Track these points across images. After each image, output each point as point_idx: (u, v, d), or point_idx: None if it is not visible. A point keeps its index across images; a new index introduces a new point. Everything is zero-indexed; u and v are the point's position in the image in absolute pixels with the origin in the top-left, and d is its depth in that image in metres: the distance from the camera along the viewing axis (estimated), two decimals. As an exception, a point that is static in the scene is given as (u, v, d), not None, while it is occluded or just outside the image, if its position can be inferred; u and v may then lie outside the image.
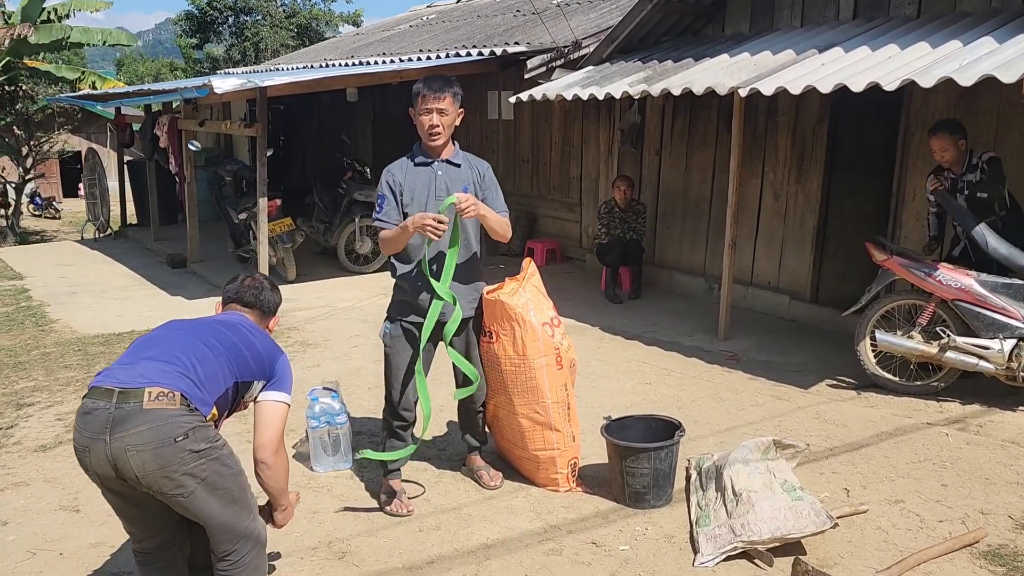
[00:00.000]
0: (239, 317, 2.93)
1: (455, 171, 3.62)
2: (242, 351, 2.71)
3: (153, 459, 2.42)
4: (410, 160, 3.62)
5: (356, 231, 8.85)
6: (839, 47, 5.75)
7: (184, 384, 2.52)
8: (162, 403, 2.45)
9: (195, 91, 7.12)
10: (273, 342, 2.88)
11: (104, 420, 2.43)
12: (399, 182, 3.56)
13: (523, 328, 3.66)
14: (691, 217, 7.85)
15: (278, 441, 2.74)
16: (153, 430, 2.42)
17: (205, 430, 2.53)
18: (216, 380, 2.62)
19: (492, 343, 3.75)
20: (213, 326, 2.78)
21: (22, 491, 3.93)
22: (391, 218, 3.56)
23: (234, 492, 2.62)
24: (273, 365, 2.79)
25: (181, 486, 2.48)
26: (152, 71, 39.16)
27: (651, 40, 7.78)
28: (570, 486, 3.85)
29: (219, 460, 2.56)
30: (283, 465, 2.79)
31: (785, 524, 3.20)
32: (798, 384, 5.33)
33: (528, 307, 3.69)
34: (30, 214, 19.61)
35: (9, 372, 5.74)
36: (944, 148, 5.11)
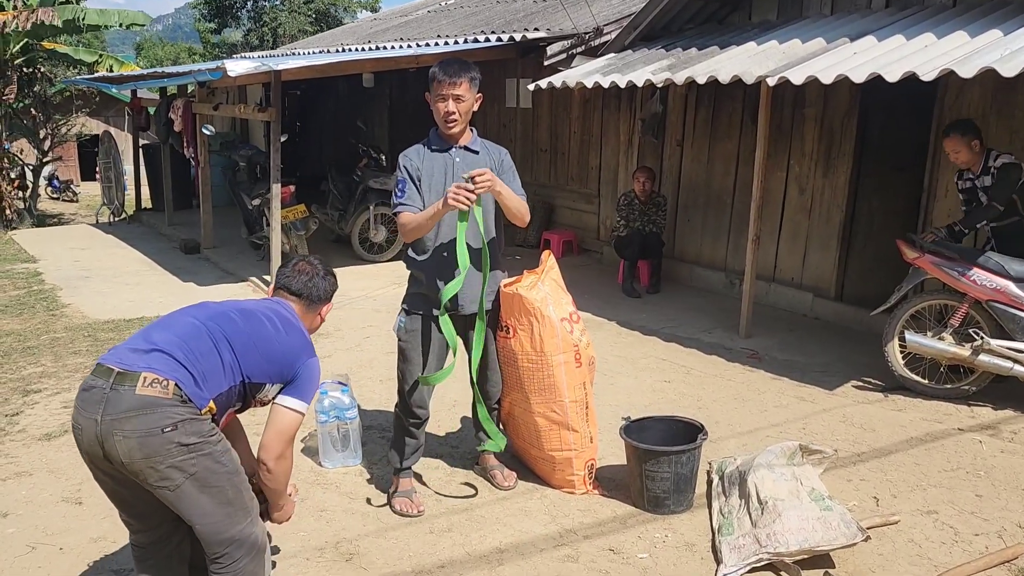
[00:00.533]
0: (275, 308, 2.72)
1: (473, 158, 3.47)
2: (254, 350, 2.54)
3: (138, 447, 2.32)
4: (426, 146, 3.47)
5: (371, 219, 8.72)
6: (871, 36, 5.54)
7: (180, 374, 2.39)
8: (155, 391, 2.33)
9: (209, 74, 7.00)
10: (303, 342, 2.67)
11: (99, 399, 2.35)
12: (416, 167, 3.42)
13: (541, 323, 3.52)
14: (713, 210, 7.66)
15: (283, 447, 2.58)
16: (140, 417, 2.32)
17: (197, 423, 2.39)
18: (217, 376, 2.47)
19: (509, 338, 3.61)
20: (231, 317, 2.60)
21: (24, 481, 3.84)
22: (413, 202, 3.39)
23: (227, 492, 2.47)
24: (294, 367, 2.60)
25: (166, 478, 2.36)
26: (171, 55, 39.21)
27: (674, 27, 7.58)
28: (586, 488, 3.71)
29: (211, 456, 2.42)
30: (285, 471, 2.65)
31: (814, 536, 3.05)
32: (823, 385, 5.16)
33: (547, 301, 3.55)
34: (48, 197, 19.61)
35: (17, 357, 5.66)
36: (956, 149, 4.98)
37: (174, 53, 40.20)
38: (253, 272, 8.22)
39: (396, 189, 3.42)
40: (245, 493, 2.54)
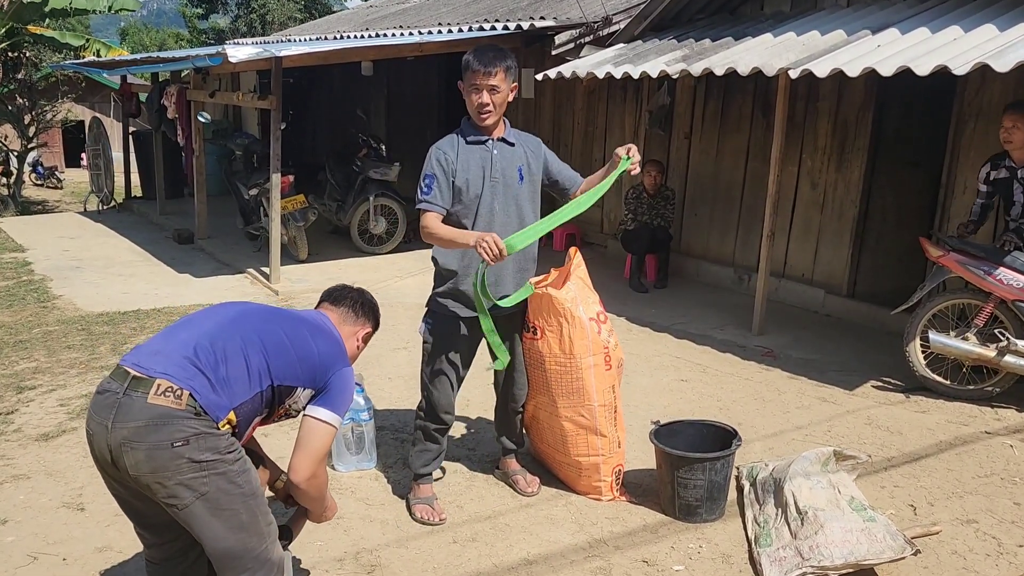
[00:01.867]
0: (312, 313, 2.61)
1: (509, 151, 3.31)
2: (288, 349, 2.37)
3: (146, 460, 2.15)
4: (460, 137, 3.28)
5: (371, 210, 8.53)
6: (894, 28, 5.40)
7: (198, 382, 2.20)
8: (167, 400, 2.15)
9: (208, 59, 6.78)
10: (339, 349, 2.50)
11: (111, 404, 2.18)
12: (451, 161, 3.22)
13: (571, 324, 3.36)
14: (721, 205, 7.53)
15: (314, 465, 2.39)
16: (149, 429, 2.14)
17: (212, 439, 2.19)
18: (242, 382, 2.28)
19: (536, 340, 3.45)
20: (263, 316, 2.45)
21: (22, 485, 3.65)
22: (439, 202, 3.20)
23: (242, 516, 2.27)
24: (327, 374, 2.42)
25: (174, 496, 2.18)
26: (157, 41, 38.64)
27: (685, 18, 7.42)
28: (613, 495, 3.57)
29: (226, 476, 2.22)
30: (317, 487, 2.47)
31: (859, 548, 2.92)
32: (842, 385, 5.04)
33: (576, 301, 3.39)
34: (32, 183, 19.26)
35: (9, 351, 5.45)
36: (1014, 124, 4.70)
37: (160, 39, 39.61)
38: (250, 263, 8.02)
39: (422, 184, 3.21)
40: (262, 518, 2.34)
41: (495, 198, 3.26)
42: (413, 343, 5.66)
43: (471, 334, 3.38)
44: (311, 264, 8.03)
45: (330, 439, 2.41)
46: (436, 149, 3.26)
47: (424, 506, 3.43)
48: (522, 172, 3.32)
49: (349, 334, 2.63)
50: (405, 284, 7.46)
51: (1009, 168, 4.86)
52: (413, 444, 3.55)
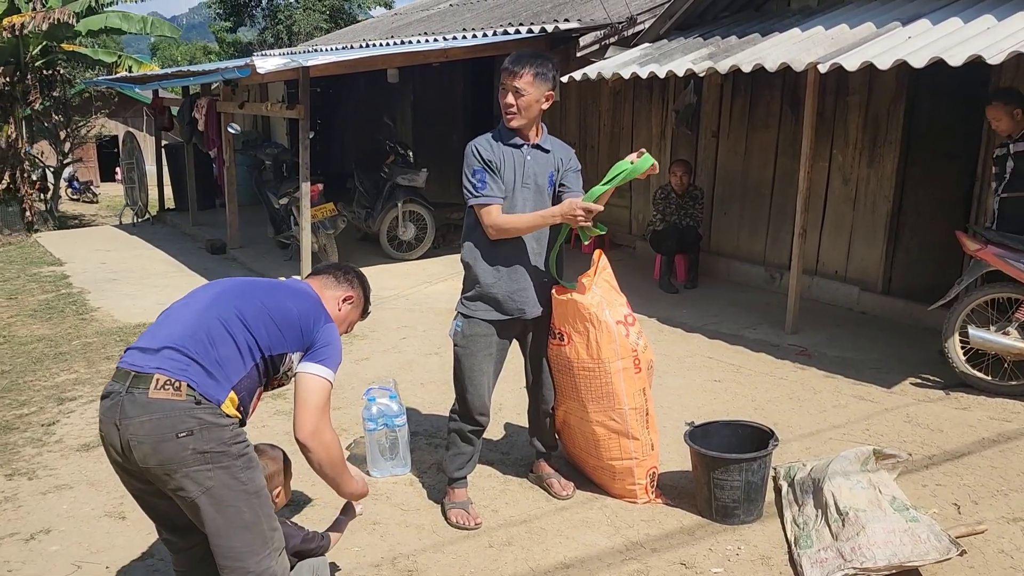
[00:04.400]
0: (288, 280, 2.68)
1: (543, 157, 3.31)
2: (269, 318, 2.39)
3: (153, 453, 2.19)
4: (496, 139, 3.28)
5: (399, 216, 8.57)
6: (925, 19, 5.33)
7: (193, 371, 2.24)
8: (167, 393, 2.20)
9: (237, 71, 6.87)
10: (318, 308, 2.52)
11: (116, 404, 2.24)
12: (491, 159, 3.22)
13: (598, 329, 3.34)
14: (751, 203, 7.46)
15: (316, 421, 2.39)
16: (154, 422, 2.19)
17: (218, 430, 2.23)
18: (235, 361, 2.32)
19: (563, 345, 3.43)
20: (237, 291, 2.48)
21: (65, 495, 3.72)
22: (497, 193, 3.20)
23: (245, 515, 2.27)
24: (312, 332, 2.45)
25: (181, 488, 2.23)
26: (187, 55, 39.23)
27: (710, 16, 7.37)
28: (649, 497, 3.54)
29: (230, 471, 2.24)
30: (327, 446, 2.44)
31: (902, 550, 2.87)
32: (879, 383, 4.96)
33: (602, 305, 3.36)
34: (68, 198, 19.64)
35: (50, 363, 5.56)
36: (998, 117, 4.88)
37: (190, 53, 40.22)
38: (282, 272, 8.09)
39: (473, 180, 3.19)
40: (265, 521, 2.33)
41: (525, 203, 3.26)
42: (445, 348, 5.68)
43: (501, 336, 3.38)
44: (342, 271, 8.08)
45: (325, 392, 2.42)
46: (474, 147, 3.25)
47: (459, 511, 3.43)
48: (552, 179, 3.33)
49: (330, 298, 2.65)
50: (435, 289, 7.48)
51: (1006, 145, 4.97)
52: (447, 448, 3.56)
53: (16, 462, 4.05)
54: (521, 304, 3.32)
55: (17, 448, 4.21)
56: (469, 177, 3.22)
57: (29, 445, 4.24)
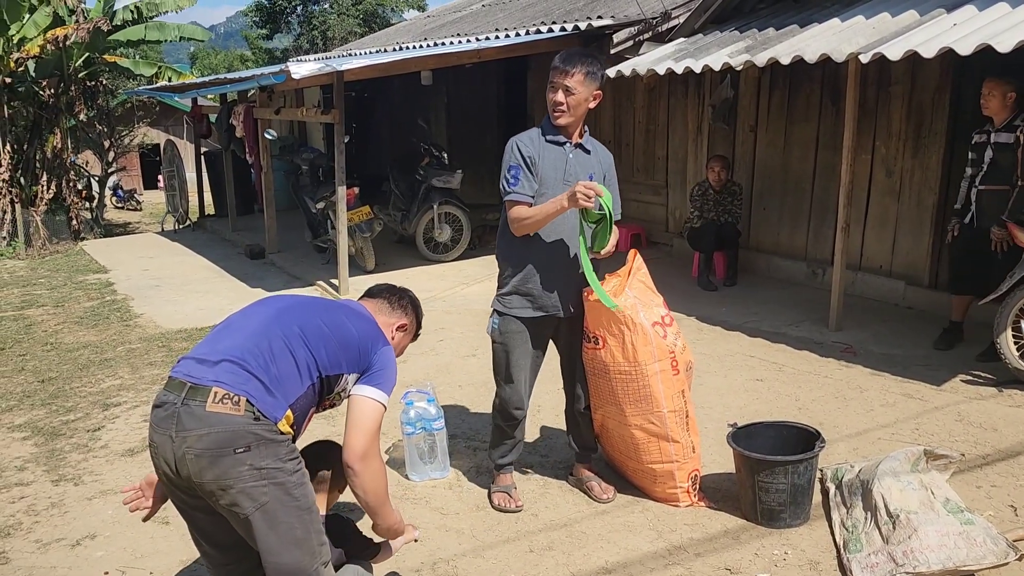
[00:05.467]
0: (347, 301, 2.65)
1: (584, 157, 3.31)
2: (329, 338, 2.37)
3: (209, 467, 2.17)
4: (540, 135, 3.26)
5: (435, 218, 8.58)
6: (970, 5, 5.16)
7: (252, 387, 2.21)
8: (226, 407, 2.17)
9: (272, 78, 6.92)
10: (376, 330, 2.50)
11: (171, 415, 2.21)
12: (531, 156, 3.21)
13: (633, 332, 3.27)
14: (791, 197, 7.32)
15: (367, 445, 2.33)
16: (212, 436, 2.16)
17: (274, 446, 2.20)
18: (293, 379, 2.29)
19: (598, 349, 3.38)
20: (299, 309, 2.45)
21: (110, 500, 3.76)
22: (528, 191, 3.20)
23: (297, 531, 2.26)
24: (369, 355, 2.42)
25: (235, 504, 2.20)
26: (225, 63, 39.85)
27: (747, 8, 7.26)
28: (691, 501, 3.48)
29: (284, 488, 2.22)
30: (374, 473, 2.37)
31: (957, 553, 2.77)
32: (928, 380, 4.83)
33: (637, 307, 3.30)
34: (113, 206, 20.06)
35: (95, 369, 5.65)
36: (990, 91, 4.89)
37: (228, 61, 40.84)
38: (320, 276, 8.16)
39: (508, 176, 3.20)
40: (315, 536, 2.31)
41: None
42: (482, 350, 5.66)
43: (537, 332, 3.39)
44: (378, 274, 8.12)
45: (378, 416, 2.38)
46: (516, 142, 3.25)
47: (502, 494, 3.53)
48: (592, 178, 3.29)
49: (383, 324, 2.60)
50: (472, 291, 7.47)
51: (988, 132, 4.98)
52: (491, 439, 3.64)
53: (63, 468, 4.12)
54: (556, 301, 3.32)
55: (64, 454, 4.28)
56: (504, 173, 3.23)
57: (75, 451, 4.31)
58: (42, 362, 5.87)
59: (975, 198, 5.07)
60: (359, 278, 7.85)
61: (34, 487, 3.93)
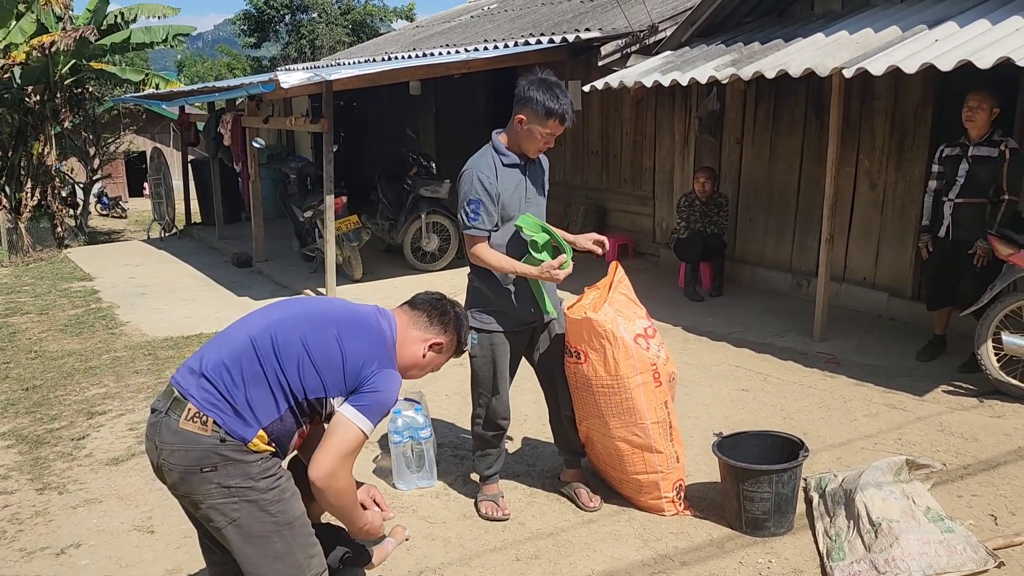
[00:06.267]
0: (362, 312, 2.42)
1: (535, 169, 3.42)
2: (306, 361, 2.24)
3: (181, 481, 2.21)
4: (497, 157, 3.29)
5: (423, 227, 8.60)
6: (952, 22, 5.26)
7: (221, 408, 2.18)
8: (195, 426, 2.18)
9: (261, 86, 6.94)
10: (374, 350, 2.29)
11: (156, 424, 2.25)
12: (494, 184, 3.24)
13: (615, 346, 3.29)
14: (776, 209, 7.39)
15: (333, 466, 2.20)
16: (180, 453, 2.19)
17: (243, 465, 2.18)
18: (266, 403, 2.22)
19: (580, 363, 3.40)
20: (286, 325, 2.30)
21: (95, 509, 3.75)
22: (487, 226, 3.25)
23: (276, 545, 2.23)
24: (359, 376, 2.25)
25: (208, 519, 2.23)
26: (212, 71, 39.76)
27: (733, 22, 7.34)
28: (677, 510, 3.50)
29: (257, 504, 2.20)
30: (337, 492, 2.25)
31: (937, 561, 2.81)
32: (911, 391, 4.88)
33: (617, 322, 3.32)
34: (98, 214, 19.94)
35: (80, 378, 5.63)
36: (979, 105, 4.91)
37: (215, 69, 40.76)
38: (307, 284, 8.15)
39: (468, 208, 3.23)
40: (299, 551, 2.28)
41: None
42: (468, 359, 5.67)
43: (517, 342, 3.48)
44: (366, 283, 8.13)
45: (355, 441, 2.23)
46: (478, 172, 3.24)
47: (490, 503, 3.56)
48: (541, 187, 3.46)
49: (416, 339, 2.44)
50: (459, 300, 7.43)
51: (962, 145, 5.02)
52: (474, 450, 3.66)
53: (47, 476, 4.09)
54: (530, 312, 3.41)
55: (48, 462, 4.26)
56: (464, 204, 3.25)
57: (60, 459, 4.29)
58: (26, 370, 5.83)
59: (950, 211, 5.11)
60: (346, 287, 7.85)
61: (18, 495, 3.90)
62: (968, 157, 5.01)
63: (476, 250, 3.27)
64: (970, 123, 5.00)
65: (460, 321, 2.55)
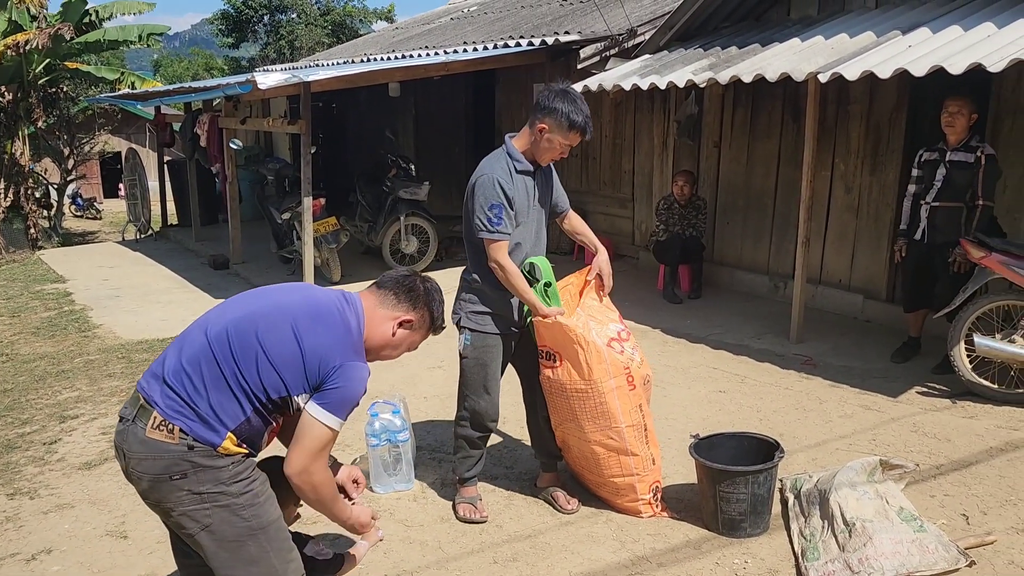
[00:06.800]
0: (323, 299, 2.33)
1: (543, 177, 3.43)
2: (264, 361, 2.18)
3: (150, 489, 2.19)
4: (512, 165, 3.29)
5: (401, 230, 8.57)
6: (925, 28, 5.33)
7: (186, 415, 2.16)
8: (162, 434, 2.16)
9: (238, 87, 6.89)
10: (336, 342, 2.23)
11: (123, 432, 2.22)
12: (510, 189, 3.26)
13: (587, 351, 3.30)
14: (754, 212, 7.44)
15: (306, 463, 2.21)
16: (149, 462, 2.17)
17: (213, 471, 2.16)
18: (230, 407, 2.18)
19: (555, 367, 3.40)
20: (245, 324, 2.23)
21: (67, 514, 3.70)
22: (510, 231, 3.28)
23: (250, 550, 2.21)
24: (321, 372, 2.20)
25: (180, 526, 2.22)
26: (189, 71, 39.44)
27: (710, 26, 7.39)
28: (654, 512, 3.51)
29: (230, 509, 2.18)
30: (314, 486, 2.25)
31: (910, 560, 2.84)
32: (886, 392, 4.93)
33: (589, 327, 3.32)
34: (72, 215, 19.72)
35: (52, 381, 5.55)
36: (959, 110, 4.96)
37: (192, 69, 40.43)
38: (284, 287, 8.08)
39: (490, 213, 3.21)
40: (275, 555, 2.26)
41: (529, 223, 3.38)
42: (448, 362, 5.66)
43: (507, 344, 3.49)
44: (344, 285, 8.06)
45: (324, 438, 2.21)
46: (498, 178, 3.23)
47: (468, 505, 3.55)
48: (546, 196, 3.47)
49: (384, 318, 2.38)
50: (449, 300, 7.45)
51: (940, 150, 5.08)
52: (455, 452, 3.63)
53: (18, 481, 4.03)
54: (520, 317, 3.43)
55: (19, 467, 4.19)
56: (485, 209, 3.21)
57: (31, 464, 4.23)
58: (-3, 373, 5.75)
59: (927, 215, 5.17)
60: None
61: (-12, 501, 3.84)
62: (946, 162, 5.06)
63: (499, 256, 3.25)
64: (949, 128, 5.02)
65: (431, 296, 2.48)
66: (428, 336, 2.54)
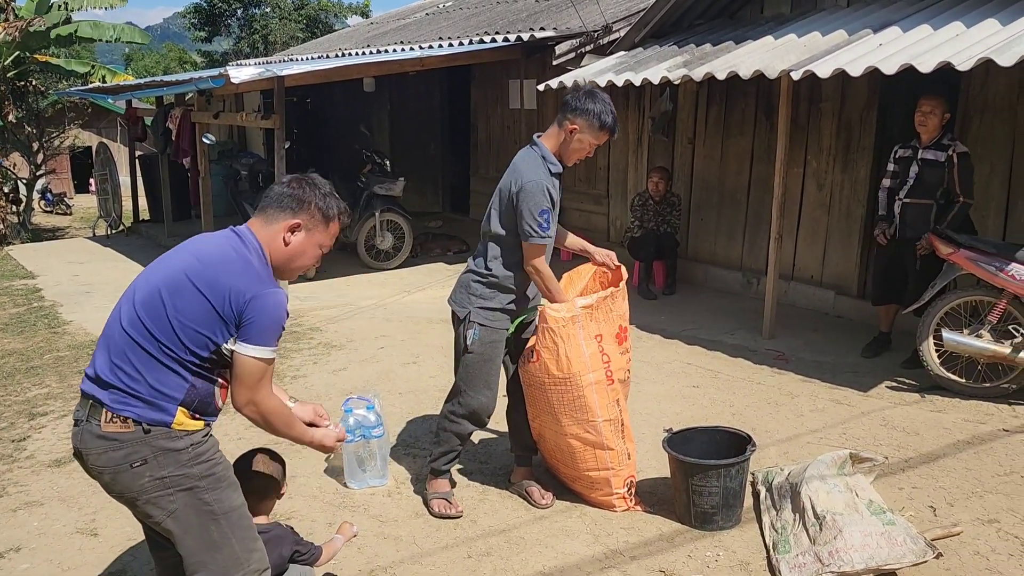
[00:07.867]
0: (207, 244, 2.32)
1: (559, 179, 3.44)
2: (184, 326, 2.19)
3: (113, 482, 2.21)
4: (547, 167, 3.30)
5: (377, 226, 8.53)
6: (895, 26, 5.39)
7: (132, 405, 2.18)
8: (116, 427, 2.18)
9: (211, 81, 6.82)
10: (237, 283, 2.21)
11: (78, 434, 2.25)
12: (554, 200, 3.32)
13: (567, 343, 3.32)
14: (727, 209, 7.50)
15: (249, 394, 2.24)
16: (107, 455, 2.19)
17: (174, 454, 2.19)
18: (172, 382, 2.20)
19: (533, 361, 3.42)
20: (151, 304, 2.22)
21: (36, 511, 3.65)
22: (553, 235, 3.35)
23: (213, 535, 2.24)
24: (234, 313, 2.20)
25: (147, 514, 2.24)
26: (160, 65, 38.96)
27: (685, 24, 7.42)
28: (628, 506, 3.53)
29: (193, 493, 2.22)
30: (263, 414, 2.28)
31: (879, 553, 2.88)
32: (856, 387, 5.00)
33: (577, 320, 3.33)
34: (41, 210, 19.37)
35: (21, 378, 5.47)
36: (932, 110, 5.05)
37: (164, 63, 39.94)
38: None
39: (541, 219, 3.23)
40: (238, 543, 2.28)
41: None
42: (423, 358, 5.66)
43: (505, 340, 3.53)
44: (319, 282, 8.04)
45: (257, 370, 2.23)
46: (545, 183, 3.24)
47: (442, 500, 3.54)
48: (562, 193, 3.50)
49: (274, 233, 2.33)
50: (413, 299, 7.45)
51: (914, 148, 5.17)
52: (438, 444, 3.61)
53: (-15, 479, 3.97)
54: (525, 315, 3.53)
55: (-14, 465, 4.13)
56: (536, 215, 3.22)
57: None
58: (-36, 370, 5.65)
59: (899, 210, 5.25)
60: (299, 285, 7.75)
61: (-46, 500, 3.78)
62: (918, 159, 5.13)
63: (540, 259, 3.31)
64: (922, 127, 5.09)
65: (310, 192, 2.38)
66: (334, 230, 2.45)
